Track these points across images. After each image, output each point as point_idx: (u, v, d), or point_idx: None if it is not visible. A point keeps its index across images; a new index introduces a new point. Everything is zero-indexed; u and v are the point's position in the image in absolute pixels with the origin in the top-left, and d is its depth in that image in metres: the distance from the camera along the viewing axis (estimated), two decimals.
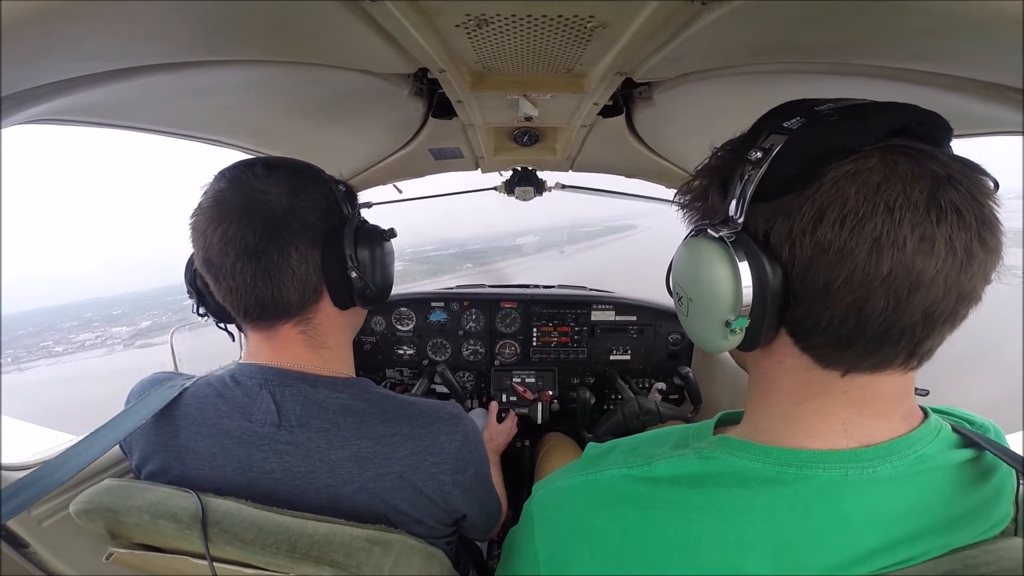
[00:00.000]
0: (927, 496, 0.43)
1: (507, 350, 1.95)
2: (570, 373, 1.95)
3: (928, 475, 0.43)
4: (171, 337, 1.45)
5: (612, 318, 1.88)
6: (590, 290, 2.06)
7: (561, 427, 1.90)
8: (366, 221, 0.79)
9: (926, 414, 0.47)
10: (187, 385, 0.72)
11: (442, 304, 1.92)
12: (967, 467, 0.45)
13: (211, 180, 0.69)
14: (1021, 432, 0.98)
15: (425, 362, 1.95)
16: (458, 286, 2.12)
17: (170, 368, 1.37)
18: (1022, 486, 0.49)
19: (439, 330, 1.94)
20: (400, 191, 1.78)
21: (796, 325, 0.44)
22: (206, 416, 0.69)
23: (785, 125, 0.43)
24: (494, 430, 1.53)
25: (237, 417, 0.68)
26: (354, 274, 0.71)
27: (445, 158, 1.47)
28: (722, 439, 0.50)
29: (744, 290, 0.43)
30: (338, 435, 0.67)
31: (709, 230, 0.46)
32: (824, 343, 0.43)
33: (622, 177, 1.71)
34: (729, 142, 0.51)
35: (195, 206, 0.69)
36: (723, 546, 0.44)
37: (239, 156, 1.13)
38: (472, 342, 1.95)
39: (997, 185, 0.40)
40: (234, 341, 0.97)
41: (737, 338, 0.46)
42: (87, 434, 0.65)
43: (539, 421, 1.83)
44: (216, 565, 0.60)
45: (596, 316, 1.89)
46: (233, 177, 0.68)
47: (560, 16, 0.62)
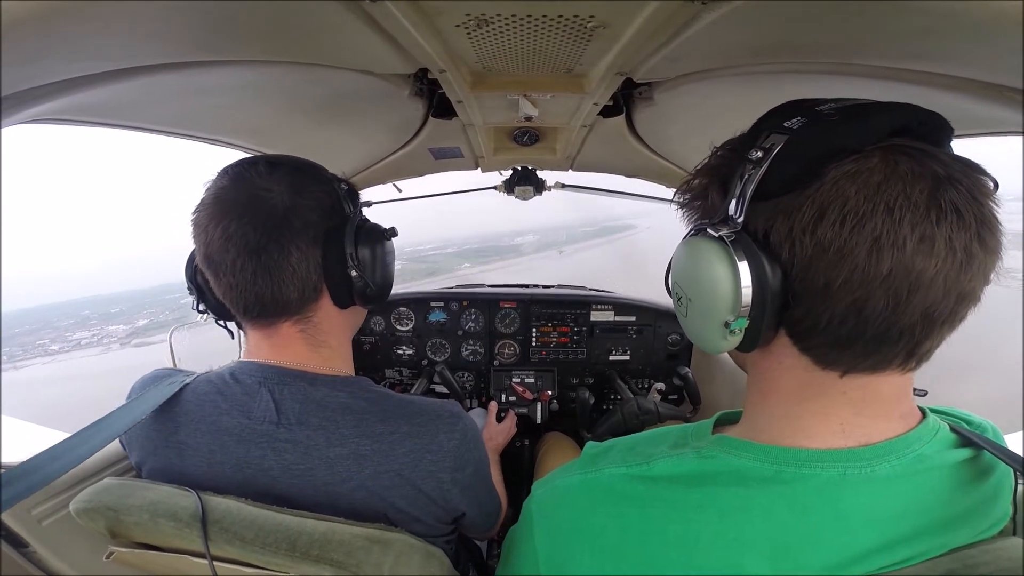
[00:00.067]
0: (925, 496, 0.43)
1: (506, 350, 1.95)
2: (569, 373, 1.94)
3: (926, 475, 0.43)
4: (170, 336, 1.45)
5: (611, 318, 1.88)
6: (589, 290, 2.06)
7: (560, 427, 1.90)
8: (367, 220, 0.79)
9: (924, 414, 0.47)
10: (187, 382, 0.72)
11: (441, 304, 1.92)
12: (965, 467, 0.45)
13: (214, 177, 0.69)
14: (1021, 432, 0.98)
15: (424, 362, 1.95)
16: (457, 286, 2.12)
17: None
18: (1020, 485, 0.49)
19: (438, 330, 1.94)
20: (400, 190, 1.78)
21: (795, 325, 0.44)
22: (205, 413, 0.69)
23: (786, 125, 0.43)
24: (493, 430, 1.53)
25: (236, 415, 0.68)
26: (354, 273, 0.71)
27: (445, 157, 1.47)
28: (721, 438, 0.50)
29: (743, 290, 0.43)
30: (337, 433, 0.67)
31: (709, 229, 0.46)
32: (823, 343, 0.43)
33: (622, 177, 1.71)
34: (729, 141, 0.51)
35: (197, 202, 0.69)
36: (721, 545, 0.44)
37: (239, 156, 1.13)
38: (471, 342, 1.94)
39: (997, 185, 0.40)
40: (233, 339, 0.97)
41: (736, 339, 0.46)
42: (86, 426, 0.65)
43: (538, 421, 1.83)
44: (216, 564, 0.60)
45: (595, 316, 1.88)
46: (236, 174, 0.68)
47: (560, 16, 0.62)
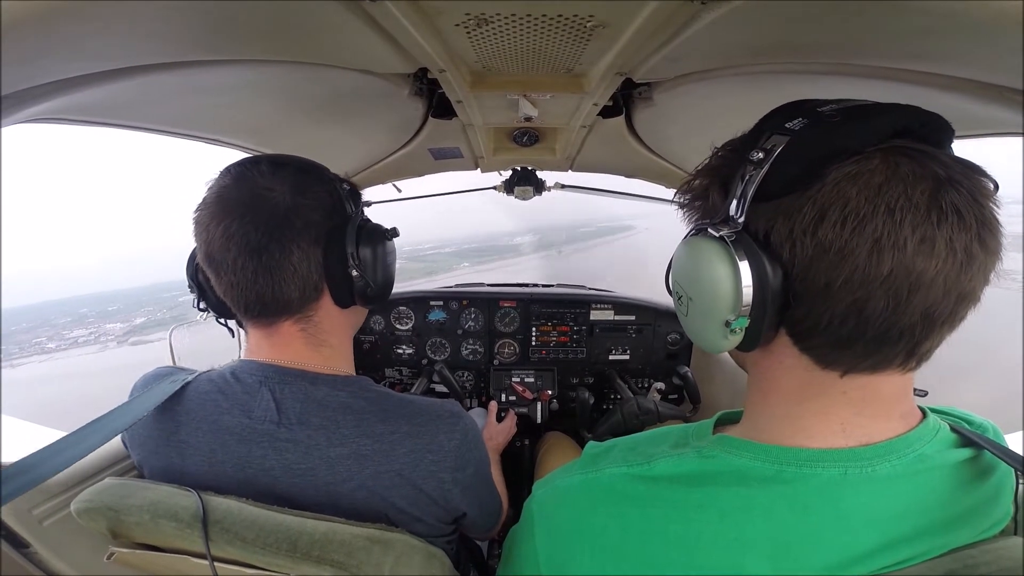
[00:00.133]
0: (926, 495, 0.43)
1: (506, 349, 1.95)
2: (569, 373, 1.94)
3: (927, 474, 0.43)
4: (170, 336, 1.45)
5: (611, 317, 1.88)
6: (589, 289, 2.06)
7: (560, 426, 1.90)
8: (369, 220, 0.79)
9: (924, 414, 0.47)
10: (189, 380, 0.72)
11: (441, 303, 1.92)
12: (966, 466, 0.45)
13: (216, 176, 0.69)
14: (1021, 432, 0.98)
15: (424, 361, 1.94)
16: (457, 285, 2.11)
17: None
18: (1022, 485, 0.49)
19: (438, 329, 1.93)
20: (399, 190, 1.78)
21: (796, 325, 0.44)
22: (206, 412, 0.69)
23: (787, 126, 0.43)
24: (493, 429, 1.53)
25: (237, 414, 0.68)
26: (355, 273, 0.71)
27: (445, 158, 1.47)
28: (721, 438, 0.50)
29: (744, 290, 0.43)
30: (337, 433, 0.67)
31: (710, 229, 0.46)
32: (824, 343, 0.43)
33: (621, 177, 1.71)
34: (730, 142, 0.51)
35: (199, 201, 0.69)
36: (722, 545, 0.44)
37: (239, 155, 1.13)
38: (471, 341, 1.94)
39: (997, 186, 0.40)
40: (234, 337, 0.97)
41: (737, 338, 0.46)
42: (87, 423, 0.65)
43: (538, 421, 1.83)
44: (217, 565, 0.60)
45: (595, 315, 1.88)
46: (238, 174, 0.68)
47: (560, 16, 0.62)
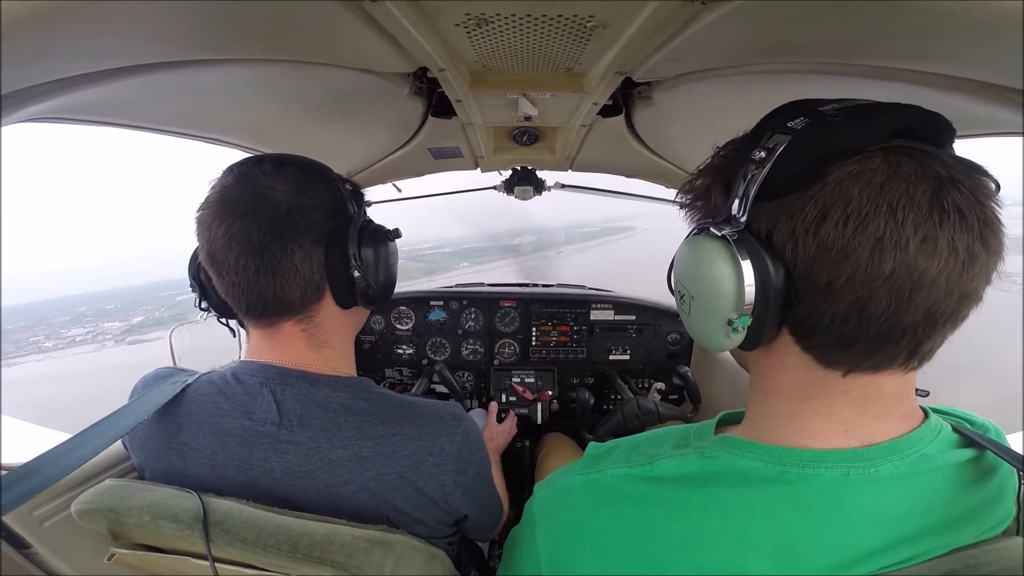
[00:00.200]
0: (928, 496, 0.43)
1: (506, 349, 1.94)
2: (569, 373, 1.94)
3: (929, 475, 0.43)
4: (170, 336, 1.45)
5: (611, 317, 1.88)
6: (589, 289, 2.06)
7: (561, 427, 1.90)
8: (371, 220, 0.79)
9: (926, 414, 0.47)
10: (189, 382, 0.72)
11: (441, 303, 1.92)
12: (968, 467, 0.45)
13: (219, 175, 0.69)
14: (1021, 432, 0.98)
15: (424, 361, 1.94)
16: (457, 284, 2.11)
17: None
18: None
19: (438, 329, 1.93)
20: (399, 190, 1.78)
21: (798, 324, 0.44)
22: (207, 414, 0.69)
23: (789, 125, 0.43)
24: (494, 430, 1.53)
25: (238, 415, 0.68)
26: (357, 273, 0.71)
27: (445, 157, 1.47)
28: (723, 438, 0.50)
29: (747, 289, 0.43)
30: (339, 435, 0.67)
31: (712, 228, 0.46)
32: (826, 342, 0.43)
33: (621, 177, 1.71)
34: (732, 141, 0.51)
35: (202, 200, 0.68)
36: (724, 545, 0.44)
37: (239, 155, 1.13)
38: (471, 341, 1.94)
39: (998, 186, 0.40)
40: (235, 337, 0.96)
41: (739, 337, 0.46)
42: (88, 426, 0.64)
43: (539, 421, 1.83)
44: (218, 566, 0.60)
45: (595, 315, 1.88)
46: (241, 173, 0.68)
47: (560, 16, 0.62)
